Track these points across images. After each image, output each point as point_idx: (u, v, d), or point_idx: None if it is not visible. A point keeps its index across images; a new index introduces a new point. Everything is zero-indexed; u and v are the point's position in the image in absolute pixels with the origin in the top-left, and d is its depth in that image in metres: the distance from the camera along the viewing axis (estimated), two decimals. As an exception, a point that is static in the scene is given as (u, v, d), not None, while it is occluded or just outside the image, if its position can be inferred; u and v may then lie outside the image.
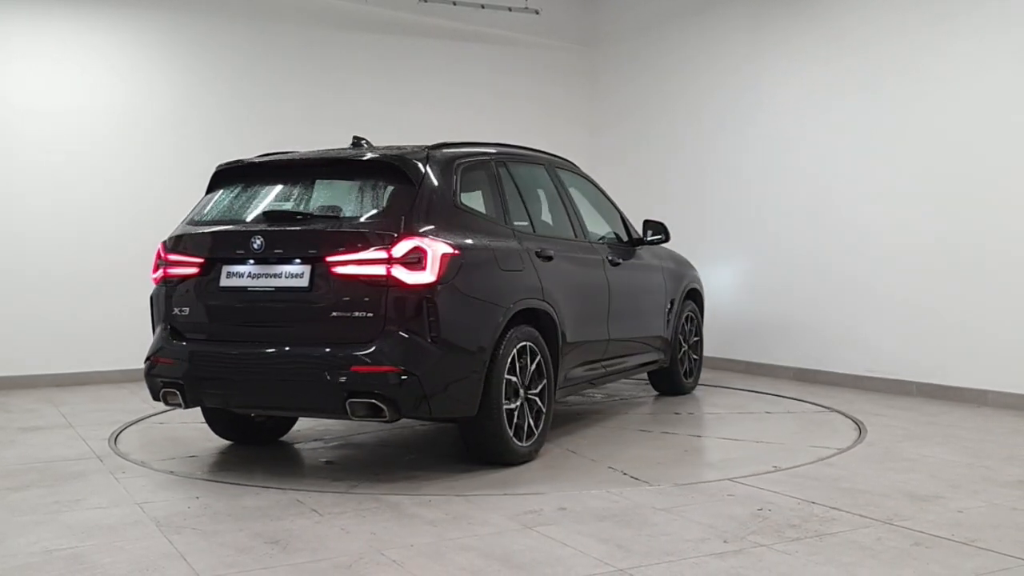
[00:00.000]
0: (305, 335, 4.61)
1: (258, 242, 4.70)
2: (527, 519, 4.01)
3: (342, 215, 4.75)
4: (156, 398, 5.04)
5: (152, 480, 4.84)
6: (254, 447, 5.64)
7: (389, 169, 4.79)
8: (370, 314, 4.46)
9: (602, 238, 6.42)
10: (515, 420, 4.91)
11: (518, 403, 4.94)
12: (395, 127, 9.35)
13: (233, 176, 5.24)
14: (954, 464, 4.99)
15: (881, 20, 7.55)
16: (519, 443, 4.94)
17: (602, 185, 6.88)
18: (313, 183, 5.01)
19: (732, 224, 8.87)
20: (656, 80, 9.90)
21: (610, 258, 6.18)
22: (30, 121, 8.26)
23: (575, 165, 6.68)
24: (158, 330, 5.11)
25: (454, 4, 9.65)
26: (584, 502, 4.27)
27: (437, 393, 4.53)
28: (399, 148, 5.04)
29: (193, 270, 4.93)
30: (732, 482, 4.62)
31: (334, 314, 4.52)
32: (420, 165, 4.79)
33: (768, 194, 8.57)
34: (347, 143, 5.38)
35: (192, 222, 5.15)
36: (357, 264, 4.49)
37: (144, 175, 8.40)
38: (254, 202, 5.04)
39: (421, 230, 4.55)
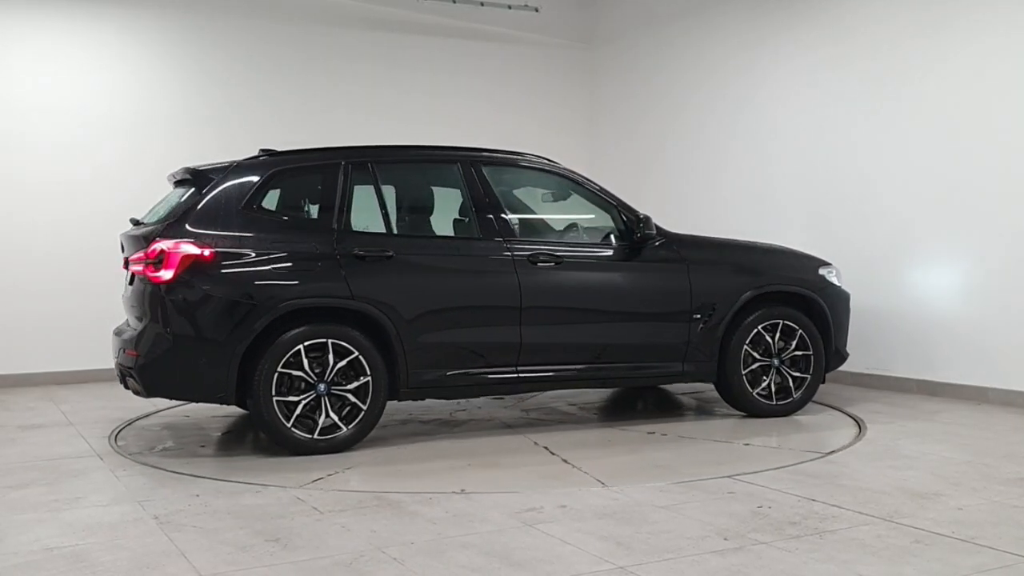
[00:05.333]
0: (132, 323, 5.53)
1: (120, 245, 5.74)
2: (527, 517, 4.01)
3: (153, 222, 5.51)
4: None
5: (152, 478, 4.85)
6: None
7: (191, 180, 5.52)
8: (140, 306, 5.31)
9: (606, 236, 6.13)
10: (298, 412, 5.18)
11: (306, 397, 5.19)
12: (394, 125, 9.38)
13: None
14: (954, 461, 4.99)
15: (882, 12, 7.56)
16: (304, 434, 5.20)
17: (601, 181, 6.64)
18: (173, 194, 5.75)
19: (729, 218, 8.86)
20: (655, 77, 9.90)
21: (537, 257, 5.73)
22: (32, 120, 8.27)
23: (549, 162, 6.25)
24: None
25: (454, 2, 9.65)
26: (584, 500, 4.28)
27: (176, 378, 5.19)
28: (246, 160, 5.62)
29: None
30: (732, 480, 4.62)
31: (132, 305, 5.46)
32: (209, 175, 5.43)
33: (766, 189, 8.57)
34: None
35: None
36: (134, 263, 5.35)
37: (147, 174, 8.34)
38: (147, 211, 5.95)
39: (177, 234, 5.18)
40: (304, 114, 9.19)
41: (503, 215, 5.86)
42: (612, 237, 6.12)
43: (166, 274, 5.10)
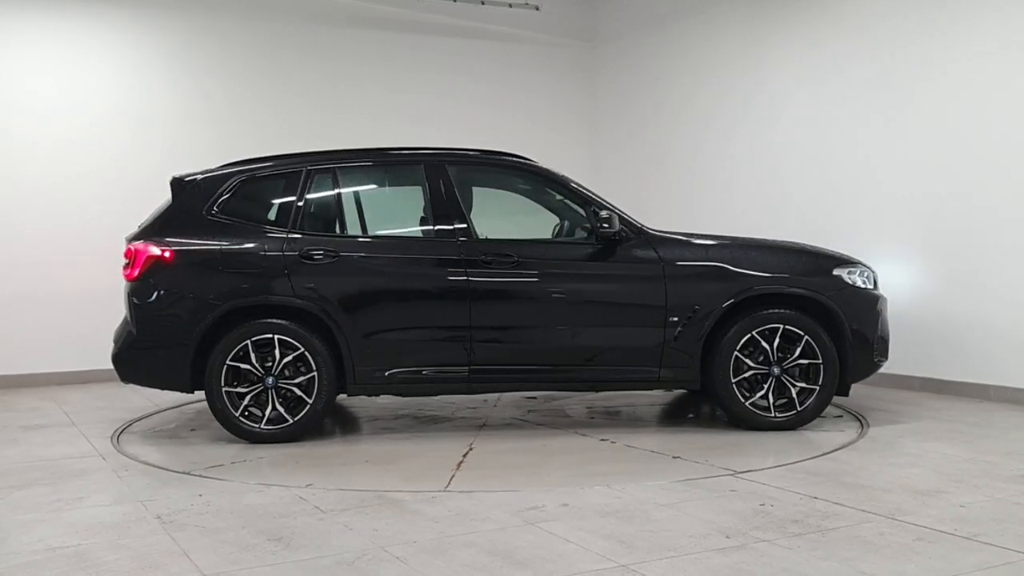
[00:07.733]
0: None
1: None
2: (529, 515, 4.01)
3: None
4: None
5: (155, 478, 4.86)
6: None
7: (171, 186, 5.86)
8: (125, 302, 5.79)
9: (587, 236, 5.88)
10: (246, 403, 5.58)
11: (252, 389, 5.58)
12: (393, 125, 9.38)
13: None
14: (956, 459, 4.99)
15: (884, 10, 7.55)
16: (253, 425, 5.60)
17: (603, 181, 6.59)
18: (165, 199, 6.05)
19: (728, 216, 8.86)
20: (656, 75, 9.89)
21: (491, 256, 5.68)
22: (32, 120, 8.28)
23: (521, 160, 6.10)
24: None
25: (454, 1, 9.64)
26: (586, 498, 4.28)
27: (141, 368, 5.72)
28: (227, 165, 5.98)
29: None
30: (734, 478, 4.63)
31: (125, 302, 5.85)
32: (183, 182, 5.84)
33: (773, 185, 8.57)
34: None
35: None
36: (122, 261, 5.80)
37: (149, 174, 8.37)
38: None
39: (147, 237, 5.69)
40: (304, 114, 9.20)
41: (462, 215, 5.83)
42: (595, 236, 5.84)
43: (134, 273, 5.63)
